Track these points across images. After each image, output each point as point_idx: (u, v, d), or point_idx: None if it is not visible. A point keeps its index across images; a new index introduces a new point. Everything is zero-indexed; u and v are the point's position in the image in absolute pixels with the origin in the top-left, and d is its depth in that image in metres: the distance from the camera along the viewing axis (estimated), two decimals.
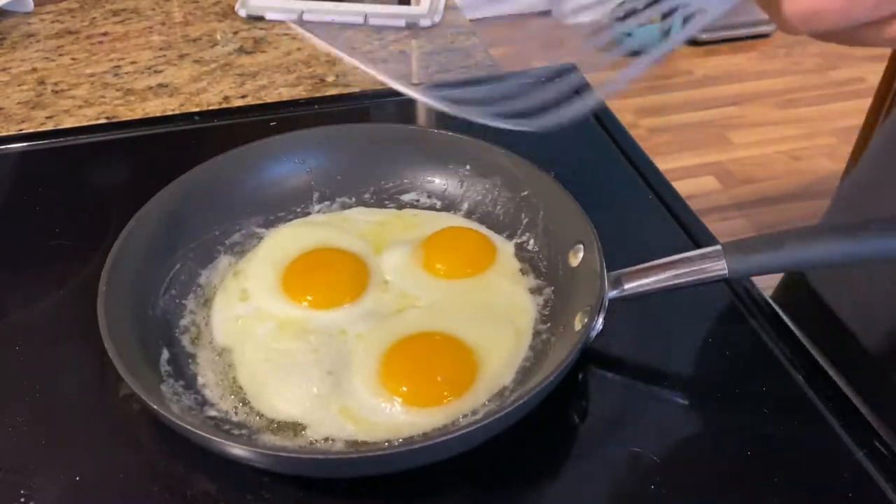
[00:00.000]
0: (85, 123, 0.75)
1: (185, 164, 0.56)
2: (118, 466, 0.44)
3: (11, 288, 0.56)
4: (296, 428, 0.45)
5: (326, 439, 0.44)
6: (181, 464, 0.44)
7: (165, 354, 0.48)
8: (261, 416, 0.45)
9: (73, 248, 0.59)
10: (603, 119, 0.72)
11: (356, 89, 0.81)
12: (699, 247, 0.57)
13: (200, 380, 0.47)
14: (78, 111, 0.78)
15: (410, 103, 0.79)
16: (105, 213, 0.61)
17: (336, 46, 0.47)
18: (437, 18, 0.92)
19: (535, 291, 0.53)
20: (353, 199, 0.60)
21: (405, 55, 0.88)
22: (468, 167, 0.60)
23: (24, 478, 0.43)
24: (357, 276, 0.53)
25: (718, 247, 0.45)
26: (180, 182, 0.55)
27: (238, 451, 0.41)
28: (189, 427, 0.40)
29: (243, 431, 0.44)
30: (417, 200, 0.61)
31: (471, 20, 0.96)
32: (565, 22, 3.34)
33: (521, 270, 0.55)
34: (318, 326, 0.50)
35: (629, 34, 2.98)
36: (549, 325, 0.51)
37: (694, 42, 2.84)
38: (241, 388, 0.47)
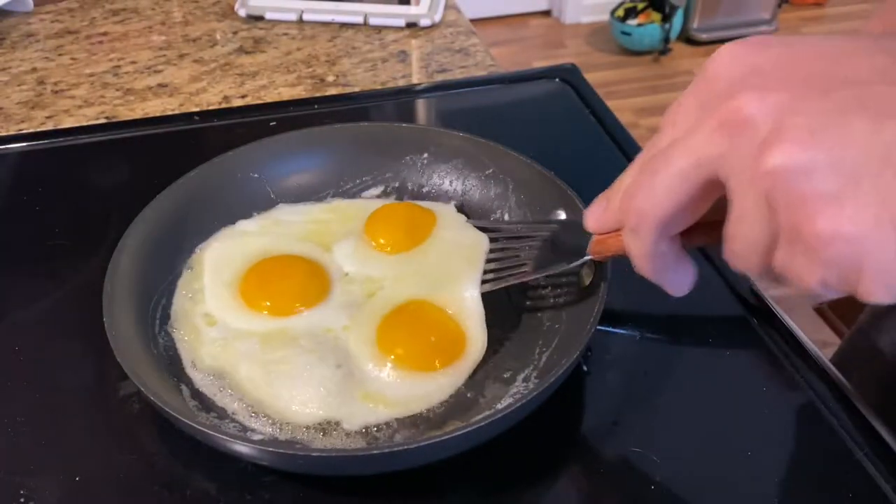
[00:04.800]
0: (85, 123, 0.75)
1: (186, 164, 0.56)
2: (118, 466, 0.44)
3: (11, 288, 0.56)
4: (327, 428, 0.44)
5: (365, 428, 0.44)
6: (181, 464, 0.44)
7: (185, 390, 0.47)
8: (286, 424, 0.45)
9: (73, 248, 0.59)
10: (603, 119, 0.72)
11: (356, 89, 0.81)
12: (701, 251, 0.57)
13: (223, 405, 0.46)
14: (78, 111, 0.78)
15: (410, 103, 0.79)
16: (105, 213, 0.61)
17: None
18: (437, 18, 0.92)
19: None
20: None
21: (405, 55, 0.88)
22: (425, 155, 0.60)
23: (24, 478, 0.43)
24: (317, 274, 0.52)
25: None
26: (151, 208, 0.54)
27: (245, 449, 0.40)
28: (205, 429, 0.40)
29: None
30: (380, 196, 0.60)
31: (471, 20, 0.96)
32: (565, 22, 3.34)
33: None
34: (303, 331, 0.49)
35: (629, 34, 2.99)
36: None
37: (694, 42, 2.85)
38: (251, 405, 0.46)
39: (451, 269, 0.52)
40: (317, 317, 0.50)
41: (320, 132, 0.61)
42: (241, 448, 0.40)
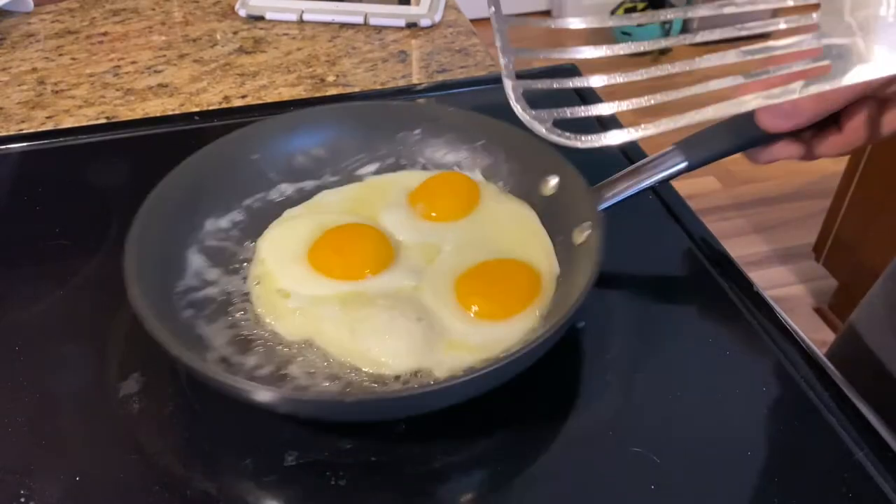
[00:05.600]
0: (85, 123, 0.75)
1: None
2: (118, 466, 0.44)
3: (11, 288, 0.56)
4: (418, 374, 0.46)
5: (453, 373, 0.46)
6: (181, 464, 0.44)
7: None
8: (378, 376, 0.46)
9: (73, 248, 0.59)
10: (603, 119, 0.72)
11: (356, 89, 0.81)
12: (701, 251, 0.58)
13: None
14: (78, 111, 0.78)
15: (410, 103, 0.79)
16: (105, 213, 0.61)
17: None
18: (437, 18, 0.92)
19: None
20: (316, 184, 0.61)
21: (405, 55, 0.88)
22: (418, 131, 0.61)
23: (24, 478, 0.43)
24: (382, 238, 0.54)
25: (673, 146, 0.52)
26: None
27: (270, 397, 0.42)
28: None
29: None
30: (376, 172, 0.62)
31: (471, 20, 0.96)
32: (565, 22, 3.33)
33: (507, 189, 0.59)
34: (378, 292, 0.51)
35: (629, 34, 2.99)
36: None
37: (694, 42, 2.84)
38: (342, 363, 0.47)
39: (516, 237, 0.55)
40: (386, 280, 0.52)
41: (314, 112, 0.63)
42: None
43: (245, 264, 0.54)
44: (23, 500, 0.42)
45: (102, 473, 0.44)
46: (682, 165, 0.51)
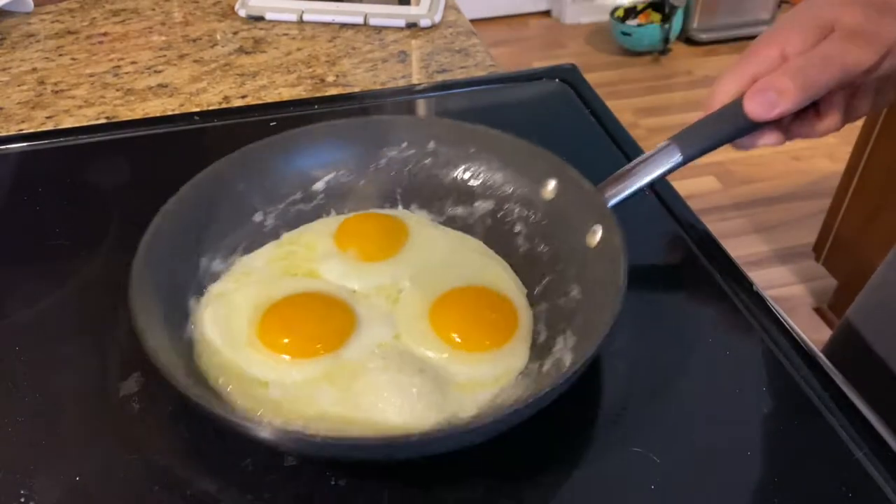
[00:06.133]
0: (85, 123, 0.75)
1: (186, 164, 0.56)
2: (118, 466, 0.44)
3: (11, 288, 0.56)
4: (442, 425, 0.44)
5: (479, 411, 0.45)
6: (181, 464, 0.44)
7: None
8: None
9: (73, 248, 0.59)
10: (603, 119, 0.72)
11: (356, 89, 0.81)
12: (701, 251, 0.58)
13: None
14: (78, 111, 0.78)
15: (410, 103, 0.79)
16: (105, 213, 0.62)
17: None
18: (437, 18, 0.92)
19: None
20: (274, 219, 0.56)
21: (405, 55, 0.88)
22: (405, 144, 0.59)
23: (24, 478, 0.43)
24: (336, 299, 0.51)
25: (669, 142, 0.53)
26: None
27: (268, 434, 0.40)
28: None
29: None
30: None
31: (471, 20, 0.96)
32: (565, 22, 3.34)
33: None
34: (361, 355, 0.47)
35: (629, 34, 2.99)
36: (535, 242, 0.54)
37: (694, 42, 2.85)
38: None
39: (465, 260, 0.54)
40: (364, 339, 0.48)
41: (290, 136, 0.58)
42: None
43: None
44: (23, 500, 0.42)
45: (102, 473, 0.44)
46: (679, 159, 0.52)
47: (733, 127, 0.51)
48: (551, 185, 0.54)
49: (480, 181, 0.58)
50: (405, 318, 0.50)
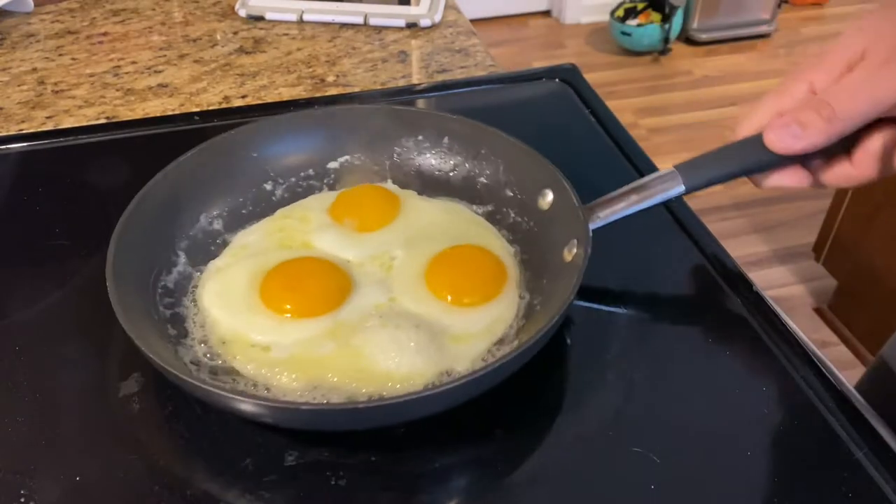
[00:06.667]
0: (85, 123, 0.75)
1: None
2: (118, 466, 0.44)
3: (11, 288, 0.56)
4: (441, 377, 0.46)
5: (474, 363, 0.47)
6: (181, 464, 0.44)
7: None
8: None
9: (73, 248, 0.59)
10: (603, 119, 0.72)
11: (356, 89, 0.81)
12: (700, 248, 0.58)
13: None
14: (78, 111, 0.78)
15: (410, 103, 0.79)
16: (105, 213, 0.61)
17: None
18: (437, 18, 0.92)
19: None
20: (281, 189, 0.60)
21: (405, 55, 0.88)
22: (420, 136, 0.61)
23: (24, 478, 0.43)
24: (331, 264, 0.53)
25: (673, 169, 0.50)
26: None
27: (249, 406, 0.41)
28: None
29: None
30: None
31: (471, 20, 0.96)
32: (565, 22, 3.33)
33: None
34: (358, 316, 0.49)
35: (629, 34, 2.99)
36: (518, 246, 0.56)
37: (694, 42, 2.85)
38: (363, 395, 0.45)
39: (456, 226, 0.56)
40: (359, 302, 0.51)
41: (315, 114, 0.63)
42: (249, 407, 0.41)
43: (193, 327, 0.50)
44: (23, 500, 0.42)
45: (102, 473, 0.44)
46: (680, 189, 0.50)
47: (751, 160, 0.49)
48: (549, 196, 0.54)
49: (485, 181, 0.59)
50: (400, 281, 0.52)
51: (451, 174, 0.61)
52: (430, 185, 0.60)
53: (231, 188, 0.58)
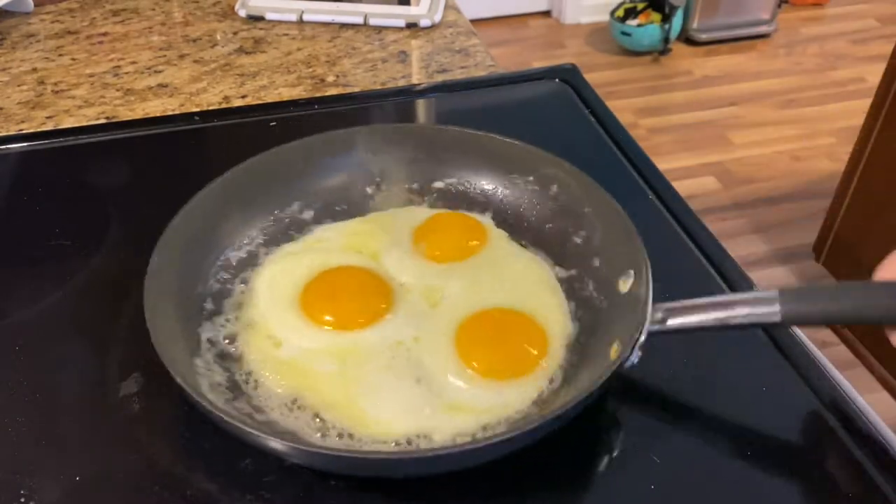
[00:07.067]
0: (85, 123, 0.75)
1: (185, 164, 0.56)
2: (118, 466, 0.44)
3: (11, 288, 0.56)
4: (418, 440, 0.44)
5: (454, 437, 0.44)
6: (181, 464, 0.44)
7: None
8: (374, 440, 0.44)
9: (73, 248, 0.59)
10: (603, 119, 0.72)
11: (356, 89, 0.81)
12: (700, 248, 0.58)
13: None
14: (78, 111, 0.78)
15: (410, 104, 0.79)
16: (105, 213, 0.62)
17: None
18: (437, 18, 0.92)
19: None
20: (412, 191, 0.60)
21: (405, 55, 0.88)
22: (531, 178, 0.58)
23: (24, 478, 0.43)
24: (380, 284, 0.52)
25: (776, 292, 0.43)
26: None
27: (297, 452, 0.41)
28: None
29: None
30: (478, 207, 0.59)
31: (471, 20, 0.96)
32: (565, 22, 3.33)
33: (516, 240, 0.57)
34: (375, 346, 0.48)
35: (629, 34, 2.99)
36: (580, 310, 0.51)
37: (694, 42, 2.85)
38: (333, 426, 0.45)
39: (531, 289, 0.52)
40: (387, 330, 0.49)
41: (447, 133, 0.61)
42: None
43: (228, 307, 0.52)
44: (23, 500, 0.42)
45: (102, 473, 0.44)
46: (773, 317, 0.42)
47: (875, 307, 0.40)
48: (631, 279, 0.49)
49: (578, 243, 0.55)
50: (435, 322, 0.50)
51: (547, 226, 0.57)
52: (524, 230, 0.57)
53: (334, 183, 0.59)
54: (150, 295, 0.46)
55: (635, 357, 0.43)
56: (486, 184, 0.60)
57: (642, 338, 0.44)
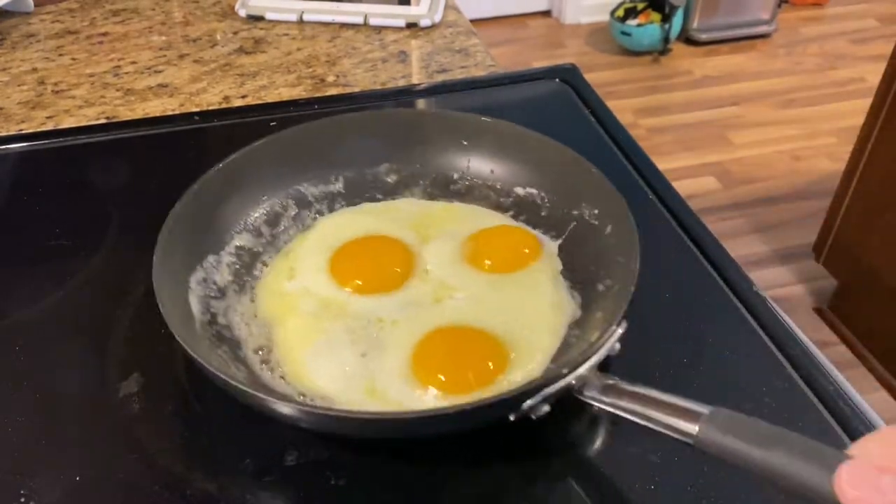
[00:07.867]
0: (85, 123, 0.75)
1: (185, 164, 0.56)
2: (118, 466, 0.44)
3: (11, 288, 0.56)
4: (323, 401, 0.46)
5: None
6: (181, 464, 0.44)
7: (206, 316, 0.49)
8: (293, 385, 0.47)
9: (73, 248, 0.59)
10: (603, 119, 0.72)
11: (356, 89, 0.81)
12: (700, 248, 0.57)
13: (242, 350, 0.49)
14: (78, 111, 0.78)
15: (410, 103, 0.79)
16: (105, 213, 0.62)
17: None
18: (437, 18, 0.92)
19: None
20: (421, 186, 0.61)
21: (405, 55, 0.88)
22: (596, 211, 0.55)
23: (24, 478, 0.43)
24: (402, 266, 0.54)
25: (706, 410, 0.38)
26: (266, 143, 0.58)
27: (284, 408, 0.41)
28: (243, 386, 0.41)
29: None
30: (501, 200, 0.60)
31: (471, 20, 0.96)
32: (565, 22, 3.33)
33: (562, 272, 0.54)
34: (358, 311, 0.51)
35: (629, 34, 2.99)
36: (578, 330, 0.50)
37: (694, 42, 2.85)
38: (278, 361, 0.48)
39: (529, 326, 0.50)
40: (379, 303, 0.52)
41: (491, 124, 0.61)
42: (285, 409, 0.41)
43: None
44: (23, 500, 0.42)
45: (102, 473, 0.44)
46: (688, 440, 0.38)
47: (800, 472, 0.33)
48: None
49: (599, 292, 0.52)
50: (418, 319, 0.50)
51: (591, 267, 0.53)
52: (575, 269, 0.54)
53: (440, 161, 0.61)
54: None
55: (617, 346, 0.44)
56: (574, 210, 0.56)
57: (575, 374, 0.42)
